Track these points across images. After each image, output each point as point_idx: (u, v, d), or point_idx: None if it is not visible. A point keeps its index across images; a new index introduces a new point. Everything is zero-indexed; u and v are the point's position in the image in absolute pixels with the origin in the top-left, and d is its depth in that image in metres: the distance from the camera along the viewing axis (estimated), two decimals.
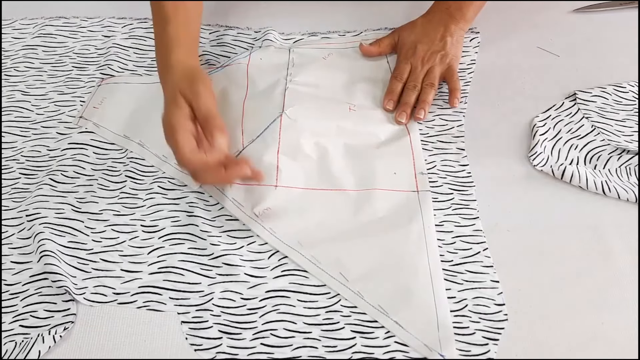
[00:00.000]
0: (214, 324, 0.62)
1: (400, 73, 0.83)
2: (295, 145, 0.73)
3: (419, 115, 0.79)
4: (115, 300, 0.63)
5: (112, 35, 0.90)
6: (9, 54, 0.88)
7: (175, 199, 0.71)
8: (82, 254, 0.67)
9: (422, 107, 0.79)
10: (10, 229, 0.69)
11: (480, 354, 0.59)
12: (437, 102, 0.82)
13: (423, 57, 0.83)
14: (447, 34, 0.84)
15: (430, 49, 0.84)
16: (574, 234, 0.69)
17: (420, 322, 0.61)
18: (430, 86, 0.81)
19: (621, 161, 0.75)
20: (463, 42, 0.86)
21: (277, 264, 0.66)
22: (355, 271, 0.65)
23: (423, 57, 0.83)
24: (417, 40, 0.85)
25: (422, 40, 0.84)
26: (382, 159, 0.75)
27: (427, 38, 0.84)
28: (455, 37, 0.85)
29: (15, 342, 0.60)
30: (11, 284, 0.65)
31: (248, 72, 0.82)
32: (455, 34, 0.85)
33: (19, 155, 0.76)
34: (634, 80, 0.83)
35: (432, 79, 0.81)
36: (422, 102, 0.80)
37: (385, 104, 0.80)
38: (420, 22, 0.87)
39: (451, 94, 0.81)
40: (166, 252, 0.67)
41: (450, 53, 0.83)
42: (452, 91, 0.81)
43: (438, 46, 0.84)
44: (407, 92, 0.81)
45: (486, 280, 0.65)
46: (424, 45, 0.84)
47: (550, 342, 0.60)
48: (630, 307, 0.63)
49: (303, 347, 0.60)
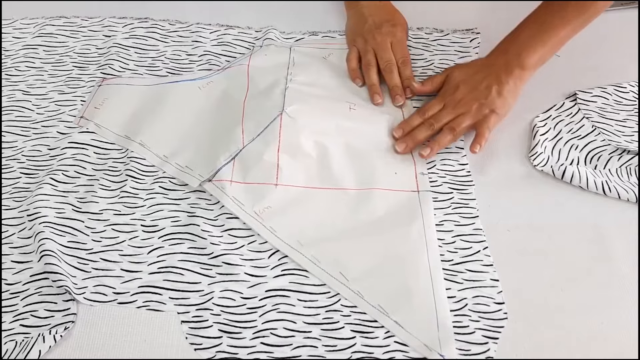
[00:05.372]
0: (214, 323, 0.62)
1: (425, 109, 0.77)
2: (295, 143, 0.73)
3: (422, 152, 0.73)
4: (115, 300, 0.63)
5: (112, 35, 0.90)
6: (9, 54, 0.88)
7: (176, 199, 0.71)
8: (82, 253, 0.67)
9: (431, 145, 0.73)
10: (10, 229, 0.69)
11: (480, 352, 0.59)
12: None
13: (460, 100, 0.76)
14: (493, 83, 0.75)
15: (470, 94, 0.76)
16: (574, 234, 0.69)
17: (420, 321, 0.61)
18: (450, 130, 0.74)
19: (621, 161, 0.75)
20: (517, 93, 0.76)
21: (277, 263, 0.66)
22: (355, 271, 0.65)
23: (459, 100, 0.76)
24: (462, 81, 0.77)
25: (467, 82, 0.77)
26: (382, 159, 0.75)
27: (472, 81, 0.77)
28: (506, 87, 0.75)
29: (16, 342, 0.60)
30: (11, 283, 0.65)
31: (249, 73, 0.82)
32: (506, 84, 0.75)
33: (20, 155, 0.76)
34: (634, 80, 0.84)
35: (456, 124, 0.74)
36: (434, 142, 0.74)
37: (394, 131, 0.76)
38: (474, 64, 0.80)
39: (474, 139, 0.73)
40: (166, 252, 0.67)
41: (492, 104, 0.75)
42: (476, 137, 0.74)
43: (480, 93, 0.75)
44: (420, 128, 0.75)
45: (486, 279, 0.65)
46: (466, 88, 0.76)
47: (550, 342, 0.60)
48: (630, 307, 0.63)
49: (303, 347, 0.60)
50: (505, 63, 0.76)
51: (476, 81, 0.76)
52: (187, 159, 0.74)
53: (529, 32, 0.76)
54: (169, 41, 0.90)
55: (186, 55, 0.88)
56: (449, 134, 0.74)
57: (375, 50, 0.84)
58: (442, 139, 0.74)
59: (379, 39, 0.84)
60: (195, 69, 0.86)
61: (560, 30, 0.75)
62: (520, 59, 0.75)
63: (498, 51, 0.78)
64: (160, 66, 0.87)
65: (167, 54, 0.88)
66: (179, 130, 0.78)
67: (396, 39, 0.85)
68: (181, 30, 0.91)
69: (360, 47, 0.85)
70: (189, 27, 0.92)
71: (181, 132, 0.77)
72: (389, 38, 0.85)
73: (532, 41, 0.75)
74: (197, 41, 0.90)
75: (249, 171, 0.71)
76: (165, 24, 0.92)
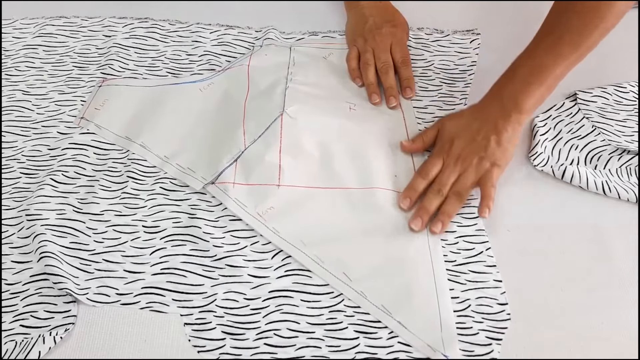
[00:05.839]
0: (217, 325, 0.62)
1: (427, 170, 0.71)
2: (296, 143, 0.73)
3: (434, 228, 0.68)
4: (118, 301, 0.63)
5: (112, 35, 0.90)
6: (9, 54, 0.88)
7: (177, 200, 0.71)
8: (84, 254, 0.67)
9: (441, 219, 0.68)
10: (10, 229, 0.69)
11: (484, 354, 0.60)
12: (436, 104, 0.82)
13: (458, 155, 0.71)
14: (491, 132, 0.71)
15: (468, 148, 0.71)
16: (574, 234, 0.69)
17: (424, 322, 0.61)
18: (456, 196, 0.69)
19: (621, 161, 0.75)
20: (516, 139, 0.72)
21: (281, 264, 0.66)
22: (358, 271, 0.65)
23: (458, 156, 0.71)
24: (457, 134, 0.72)
25: (462, 135, 0.72)
26: (382, 160, 0.75)
27: (467, 133, 0.72)
28: (504, 136, 0.70)
29: (16, 342, 0.60)
30: (11, 283, 0.65)
31: (249, 73, 0.82)
32: (504, 132, 0.71)
33: (20, 155, 0.76)
34: (634, 80, 0.84)
35: (461, 187, 0.69)
36: (443, 214, 0.68)
37: (401, 201, 0.70)
38: (467, 113, 0.75)
39: (481, 202, 0.69)
40: (168, 253, 0.67)
41: (492, 157, 0.70)
42: (482, 198, 0.69)
43: (478, 146, 0.71)
44: (429, 197, 0.69)
45: (489, 280, 0.65)
46: (462, 142, 0.71)
47: (550, 342, 0.61)
48: (630, 307, 0.63)
49: (306, 347, 0.60)
50: (501, 109, 0.71)
51: (472, 132, 0.72)
52: (188, 160, 0.74)
53: (524, 73, 0.71)
54: (169, 41, 0.90)
55: (186, 55, 0.88)
56: (456, 200, 0.69)
57: (374, 50, 0.84)
58: (450, 209, 0.69)
59: (379, 40, 0.85)
60: (195, 69, 0.86)
61: (556, 68, 0.70)
62: (517, 102, 0.71)
63: (492, 96, 0.73)
64: (160, 66, 0.87)
65: (167, 54, 0.88)
66: (180, 131, 0.78)
67: (396, 39, 0.85)
68: (181, 30, 0.91)
69: (360, 47, 0.85)
70: (189, 27, 0.92)
71: (182, 133, 0.77)
72: (389, 38, 0.85)
73: (527, 82, 0.70)
74: (197, 41, 0.89)
75: (251, 173, 0.71)
76: (165, 24, 0.92)
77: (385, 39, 0.85)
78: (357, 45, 0.86)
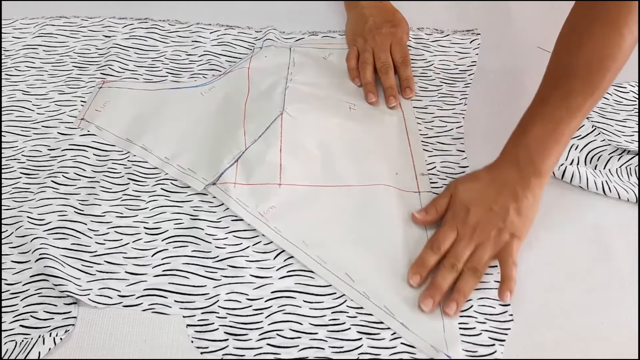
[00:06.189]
0: (219, 326, 0.62)
1: (439, 242, 0.64)
2: (297, 142, 0.74)
3: (447, 310, 0.61)
4: (120, 303, 0.63)
5: (112, 35, 0.90)
6: (9, 54, 0.88)
7: (179, 201, 0.71)
8: (86, 256, 0.67)
9: (455, 298, 0.61)
10: (10, 229, 0.69)
11: (487, 354, 0.60)
12: (436, 104, 0.82)
13: (475, 226, 0.64)
14: (510, 201, 0.65)
15: (485, 217, 0.65)
16: (574, 234, 0.69)
17: (426, 322, 0.61)
18: (472, 272, 0.62)
19: (621, 161, 0.75)
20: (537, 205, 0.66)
21: (283, 264, 0.66)
22: (360, 272, 0.65)
23: (475, 227, 0.64)
24: (472, 201, 0.65)
25: (478, 203, 0.65)
26: (382, 159, 0.75)
27: (484, 201, 0.65)
28: (524, 204, 0.65)
29: (16, 342, 0.60)
30: (12, 283, 0.65)
31: (249, 75, 0.82)
32: (525, 199, 0.65)
33: (20, 155, 0.76)
34: (634, 80, 0.84)
35: (478, 262, 0.63)
36: (458, 293, 0.62)
37: (410, 277, 0.63)
38: (482, 176, 0.68)
39: (502, 284, 0.63)
40: (170, 255, 0.67)
41: (511, 228, 0.64)
42: (503, 280, 0.63)
43: (496, 215, 0.64)
44: (443, 273, 0.63)
45: (490, 281, 0.65)
46: (479, 210, 0.65)
47: (550, 342, 0.61)
48: (630, 307, 0.63)
49: (309, 348, 0.60)
50: (519, 175, 0.65)
51: (489, 200, 0.65)
52: (189, 161, 0.74)
53: (538, 133, 0.65)
54: (168, 41, 0.90)
55: (186, 56, 0.88)
56: (472, 277, 0.62)
57: (374, 50, 0.84)
58: (466, 288, 0.62)
59: (379, 39, 0.85)
60: (195, 69, 0.86)
61: (572, 121, 0.65)
62: (535, 166, 0.65)
63: (507, 160, 0.67)
64: (160, 67, 0.86)
65: (167, 54, 0.88)
66: (180, 132, 0.78)
67: (396, 39, 0.86)
68: (181, 31, 0.91)
69: (360, 47, 0.86)
70: (189, 27, 0.92)
71: (183, 134, 0.77)
72: (389, 38, 0.85)
73: (543, 142, 0.65)
74: (197, 41, 0.89)
75: (252, 172, 0.71)
76: (165, 25, 0.92)
77: (385, 39, 0.85)
78: (357, 45, 0.86)
